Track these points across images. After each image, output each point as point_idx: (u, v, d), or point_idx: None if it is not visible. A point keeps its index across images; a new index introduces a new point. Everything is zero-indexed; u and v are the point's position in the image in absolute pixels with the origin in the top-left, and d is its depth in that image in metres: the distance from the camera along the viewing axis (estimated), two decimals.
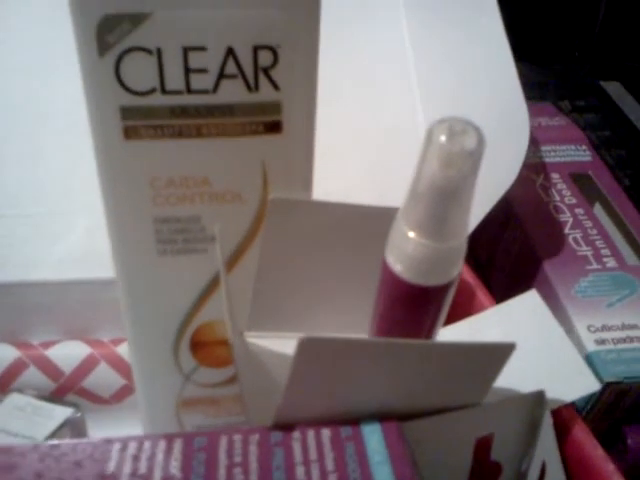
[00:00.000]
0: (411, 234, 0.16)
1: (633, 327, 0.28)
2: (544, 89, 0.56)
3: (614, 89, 0.56)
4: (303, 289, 0.23)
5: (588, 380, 0.21)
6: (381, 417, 0.18)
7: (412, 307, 0.17)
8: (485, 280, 0.37)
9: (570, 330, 0.28)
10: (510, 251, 0.34)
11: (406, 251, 0.17)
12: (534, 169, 0.36)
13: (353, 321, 0.21)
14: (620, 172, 0.47)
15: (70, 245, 0.31)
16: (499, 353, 0.18)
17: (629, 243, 0.33)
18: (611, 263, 0.31)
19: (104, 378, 0.30)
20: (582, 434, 0.20)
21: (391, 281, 0.17)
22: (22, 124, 0.33)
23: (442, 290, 0.17)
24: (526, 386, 0.21)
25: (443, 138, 0.15)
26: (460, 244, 0.17)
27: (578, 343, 0.28)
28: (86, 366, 0.30)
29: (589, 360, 0.27)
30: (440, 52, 0.33)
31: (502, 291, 0.32)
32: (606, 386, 0.27)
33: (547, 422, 0.20)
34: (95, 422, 0.28)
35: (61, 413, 0.27)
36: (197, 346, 0.24)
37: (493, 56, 0.29)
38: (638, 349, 0.27)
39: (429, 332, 0.18)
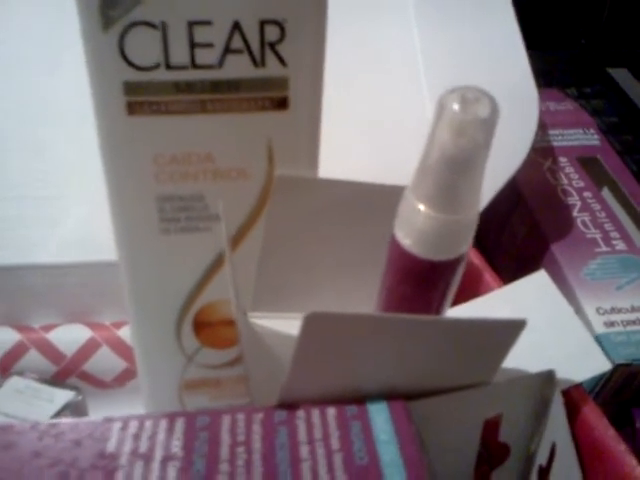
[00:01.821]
0: (421, 207, 0.16)
1: None
2: (550, 76, 0.55)
3: (621, 75, 0.56)
4: (308, 267, 0.22)
5: (598, 360, 0.21)
6: (388, 396, 0.17)
7: (421, 283, 0.17)
8: (491, 264, 0.37)
9: (579, 312, 0.28)
10: (517, 234, 0.34)
11: (415, 225, 0.16)
12: (542, 153, 0.35)
13: (359, 299, 0.21)
14: (627, 157, 0.47)
15: (70, 228, 0.31)
16: (510, 330, 0.17)
17: (638, 226, 0.33)
18: (620, 246, 0.31)
19: (105, 361, 0.30)
20: (593, 415, 0.20)
21: (400, 256, 0.17)
22: (27, 111, 0.33)
23: (451, 265, 0.17)
24: (535, 366, 0.21)
25: (456, 106, 0.15)
26: (471, 218, 0.16)
27: (587, 325, 0.27)
28: (87, 349, 0.30)
29: (598, 342, 0.27)
30: (448, 37, 0.33)
31: (509, 274, 0.32)
32: (615, 368, 0.26)
33: (557, 402, 0.19)
34: (96, 406, 0.28)
35: (62, 396, 0.26)
36: (200, 327, 0.23)
37: (503, 39, 0.28)
38: None
39: (438, 309, 0.18)
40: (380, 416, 0.17)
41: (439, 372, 0.18)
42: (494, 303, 0.24)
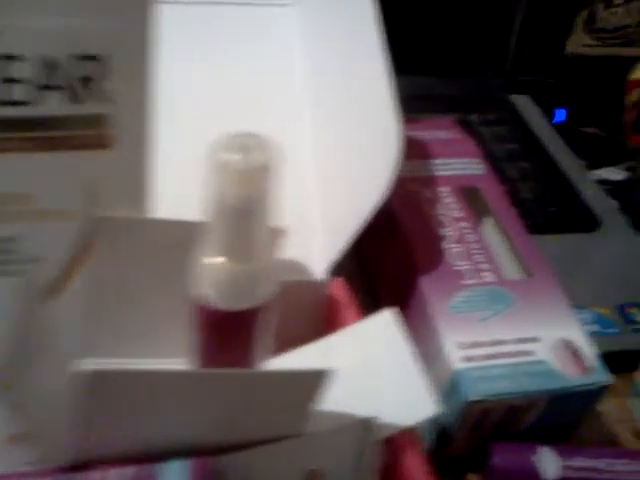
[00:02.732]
0: (211, 258, 0.15)
1: (502, 343, 0.28)
2: (455, 102, 0.56)
3: (523, 103, 0.57)
4: (141, 309, 0.21)
5: (427, 404, 0.21)
6: (193, 452, 0.17)
7: (220, 333, 0.17)
8: (374, 296, 0.37)
9: (440, 347, 0.28)
10: (392, 265, 0.34)
11: (208, 276, 0.16)
12: (422, 183, 0.36)
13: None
14: (523, 184, 0.48)
15: None
16: (312, 380, 0.17)
17: (511, 257, 0.33)
18: (489, 277, 0.31)
19: None
20: (414, 461, 0.20)
21: (198, 309, 0.16)
22: None
23: (250, 314, 0.16)
24: (368, 411, 0.21)
25: (231, 156, 0.14)
26: (262, 266, 0.16)
27: (446, 360, 0.27)
28: None
29: (456, 378, 0.27)
30: (325, 71, 0.33)
31: (388, 305, 0.31)
32: (471, 404, 0.26)
33: (372, 452, 0.19)
34: None
35: None
36: None
37: (369, 74, 0.28)
38: (504, 366, 0.27)
39: (247, 359, 0.18)
40: (175, 475, 0.16)
41: (244, 425, 0.17)
42: (339, 344, 0.24)
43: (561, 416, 0.29)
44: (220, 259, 0.15)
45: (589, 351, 0.28)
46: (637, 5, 0.69)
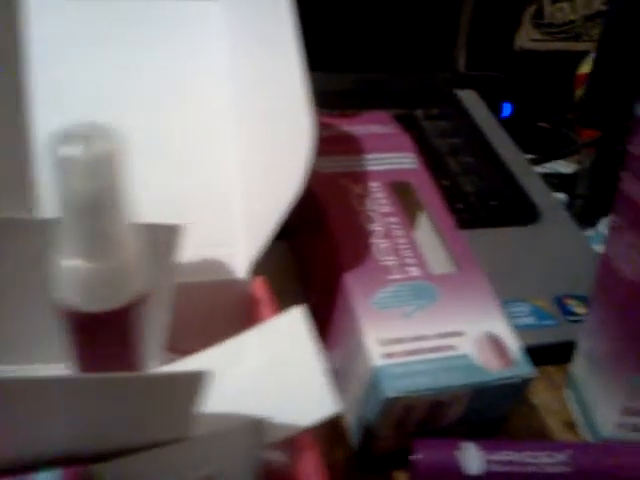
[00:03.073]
0: (64, 258, 0.15)
1: (425, 338, 0.28)
2: (401, 98, 0.56)
3: (468, 97, 0.57)
4: (20, 314, 0.21)
5: (326, 403, 0.20)
6: (68, 461, 0.16)
7: (87, 336, 0.16)
8: (307, 294, 0.36)
9: (361, 344, 0.28)
10: (322, 264, 0.33)
11: (62, 278, 0.15)
12: (354, 178, 0.35)
13: None
14: (464, 178, 0.47)
15: None
16: (190, 383, 0.16)
17: (439, 252, 0.33)
18: (415, 272, 0.30)
19: None
20: (309, 463, 0.19)
21: (60, 312, 0.16)
22: None
23: (116, 315, 0.16)
24: (268, 412, 0.20)
25: (70, 148, 0.13)
26: (120, 264, 0.15)
27: (367, 357, 0.27)
28: None
29: (375, 375, 0.26)
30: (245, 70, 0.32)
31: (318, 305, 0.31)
32: (390, 401, 0.26)
33: (253, 455, 0.18)
34: None
35: None
36: None
37: (283, 68, 0.28)
38: (426, 361, 0.27)
39: (125, 361, 0.17)
40: None
41: (121, 430, 0.16)
42: (248, 343, 0.23)
43: (487, 410, 0.29)
44: (74, 259, 0.14)
45: (513, 344, 0.28)
46: (582, 0, 0.70)
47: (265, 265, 0.39)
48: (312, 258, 0.36)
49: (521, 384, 0.28)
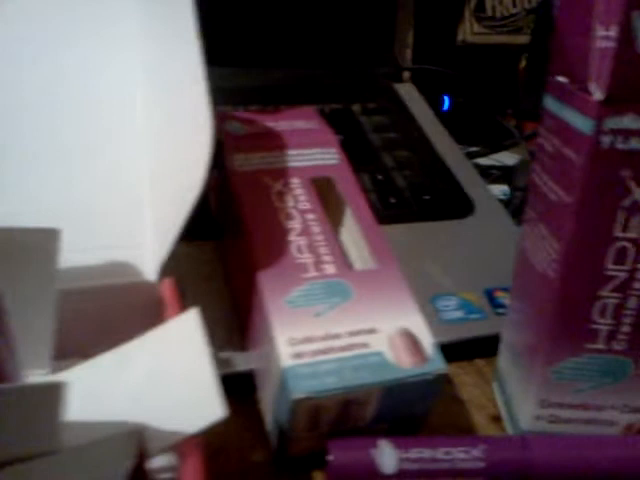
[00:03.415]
0: None
1: (336, 337, 0.27)
2: (340, 92, 0.55)
3: (406, 91, 0.57)
4: None
5: (213, 409, 0.19)
6: None
7: None
8: (232, 294, 0.36)
9: (273, 344, 0.27)
10: (240, 264, 0.33)
11: None
12: (273, 175, 0.35)
13: None
14: (398, 173, 0.47)
15: None
16: (48, 394, 0.15)
17: (357, 248, 0.32)
18: (330, 270, 0.30)
19: None
20: (189, 470, 0.18)
21: None
22: None
23: None
24: (154, 419, 0.19)
25: None
26: None
27: (277, 358, 0.26)
28: None
29: (284, 376, 0.26)
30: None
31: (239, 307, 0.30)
32: (298, 402, 0.25)
33: (131, 464, 0.18)
34: None
35: None
36: None
37: (184, 67, 0.27)
38: (335, 360, 0.26)
39: None
40: None
41: None
42: (141, 348, 0.22)
43: (405, 408, 0.29)
44: None
45: (427, 341, 0.28)
46: None
47: (192, 265, 0.39)
48: (233, 258, 0.35)
49: (434, 380, 0.27)
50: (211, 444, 0.30)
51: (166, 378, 0.20)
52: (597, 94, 0.21)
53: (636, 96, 0.21)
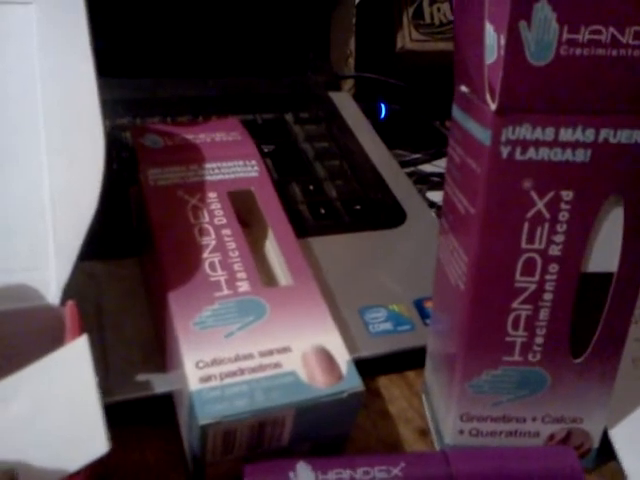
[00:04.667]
0: None
1: (247, 357, 0.26)
2: (274, 101, 0.55)
3: (342, 100, 0.56)
4: None
5: (97, 442, 0.18)
6: None
7: None
8: (151, 314, 0.34)
9: (181, 367, 0.26)
10: (154, 284, 0.32)
11: None
12: (189, 189, 0.34)
13: None
14: (329, 183, 0.47)
15: None
16: None
17: (273, 264, 0.31)
18: (244, 287, 0.29)
19: None
20: None
21: None
22: None
23: None
24: (35, 456, 0.18)
25: None
26: None
27: (186, 382, 0.25)
28: None
29: (192, 400, 0.25)
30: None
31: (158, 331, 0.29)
32: (206, 427, 0.24)
33: None
34: None
35: None
36: None
37: (77, 79, 0.26)
38: (245, 382, 0.25)
39: None
40: None
41: None
42: (22, 379, 0.21)
43: (324, 428, 0.28)
44: None
45: (343, 358, 0.27)
46: None
47: (114, 283, 0.37)
48: (150, 276, 0.34)
49: (349, 399, 0.27)
50: (129, 468, 0.29)
51: (50, 410, 0.19)
52: (491, 104, 0.21)
53: (530, 106, 0.21)
